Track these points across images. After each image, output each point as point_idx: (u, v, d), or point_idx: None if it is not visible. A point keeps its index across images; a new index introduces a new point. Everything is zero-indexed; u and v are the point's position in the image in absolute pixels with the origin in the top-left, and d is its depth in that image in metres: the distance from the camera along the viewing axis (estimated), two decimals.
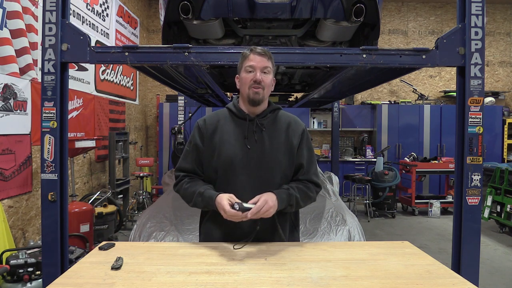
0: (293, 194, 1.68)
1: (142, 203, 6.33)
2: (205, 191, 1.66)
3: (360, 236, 2.92)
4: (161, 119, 7.99)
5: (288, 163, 1.74)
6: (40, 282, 2.89)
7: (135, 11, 7.61)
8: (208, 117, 1.82)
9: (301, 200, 1.72)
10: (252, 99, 1.71)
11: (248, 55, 1.72)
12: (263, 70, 1.70)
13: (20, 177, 3.88)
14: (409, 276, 1.36)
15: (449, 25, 8.59)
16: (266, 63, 1.70)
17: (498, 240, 5.31)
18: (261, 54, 1.70)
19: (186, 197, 1.75)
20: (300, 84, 4.73)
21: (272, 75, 1.75)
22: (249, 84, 1.69)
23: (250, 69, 1.70)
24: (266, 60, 1.70)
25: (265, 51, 1.72)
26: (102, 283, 1.28)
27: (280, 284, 1.28)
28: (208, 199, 1.63)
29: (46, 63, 2.19)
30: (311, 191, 1.77)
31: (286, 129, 1.77)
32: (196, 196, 1.68)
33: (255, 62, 1.69)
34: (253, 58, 1.70)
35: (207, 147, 1.75)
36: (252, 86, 1.69)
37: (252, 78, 1.69)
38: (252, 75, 1.69)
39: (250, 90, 1.70)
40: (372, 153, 8.14)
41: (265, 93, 1.71)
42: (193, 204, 1.73)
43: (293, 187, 1.71)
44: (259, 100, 1.71)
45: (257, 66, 1.69)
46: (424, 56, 2.26)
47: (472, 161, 2.23)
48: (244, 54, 1.74)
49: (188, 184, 1.74)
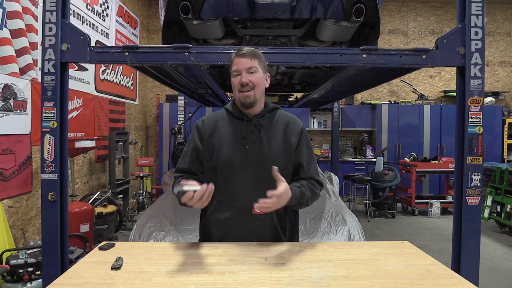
0: (305, 193, 1.67)
1: (142, 203, 6.33)
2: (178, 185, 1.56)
3: (360, 236, 2.92)
4: (161, 119, 7.99)
5: (287, 163, 1.74)
6: (40, 282, 2.89)
7: (135, 11, 7.61)
8: (206, 118, 1.82)
9: (309, 199, 1.71)
10: (243, 102, 1.71)
11: (233, 59, 1.71)
12: (249, 70, 1.68)
13: (20, 177, 3.88)
14: (409, 276, 1.36)
15: (449, 25, 8.59)
16: (250, 63, 1.68)
17: (498, 240, 5.31)
18: (244, 56, 1.68)
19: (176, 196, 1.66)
20: (300, 84, 4.73)
21: (261, 72, 1.72)
22: (238, 88, 1.69)
23: (236, 73, 1.70)
24: (250, 60, 1.68)
25: (249, 51, 1.69)
26: (102, 283, 1.28)
27: (280, 284, 1.28)
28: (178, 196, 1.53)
29: (46, 63, 2.18)
30: (317, 189, 1.77)
31: (284, 128, 1.77)
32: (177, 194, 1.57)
33: (239, 65, 1.68)
34: (237, 61, 1.69)
35: (206, 147, 1.75)
36: (241, 90, 1.68)
37: (239, 82, 1.68)
38: (238, 78, 1.69)
39: (240, 94, 1.70)
40: (372, 153, 8.14)
41: (256, 93, 1.70)
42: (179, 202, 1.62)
43: (304, 186, 1.69)
44: (250, 102, 1.70)
45: (241, 69, 1.68)
46: (424, 56, 2.25)
47: (472, 161, 2.23)
48: (230, 58, 1.74)
49: (176, 184, 1.67)
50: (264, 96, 1.82)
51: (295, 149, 1.76)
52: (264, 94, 1.81)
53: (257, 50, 1.74)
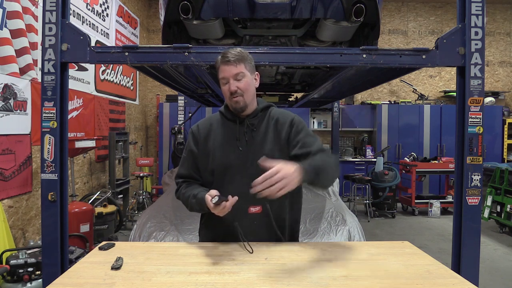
0: (318, 159, 1.55)
1: (142, 203, 6.33)
2: (198, 193, 1.65)
3: (360, 236, 2.92)
4: (161, 119, 7.99)
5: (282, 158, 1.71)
6: (40, 282, 2.89)
7: (135, 11, 7.61)
8: (201, 123, 1.84)
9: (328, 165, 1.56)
10: (235, 108, 1.72)
11: (219, 66, 1.70)
12: (236, 77, 1.67)
13: (20, 177, 3.88)
14: (409, 276, 1.36)
15: (449, 25, 8.59)
16: (236, 69, 1.66)
17: (498, 240, 5.31)
18: (229, 63, 1.65)
19: (184, 202, 1.76)
20: (300, 84, 4.73)
21: (248, 76, 1.69)
22: (228, 95, 1.70)
23: (224, 80, 1.69)
24: (235, 66, 1.66)
25: (234, 56, 1.65)
26: (102, 283, 1.28)
27: (280, 284, 1.28)
28: (200, 201, 1.62)
29: (46, 63, 2.18)
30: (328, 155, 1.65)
31: (275, 124, 1.76)
32: (191, 199, 1.68)
33: (225, 72, 1.67)
34: (223, 69, 1.68)
35: (201, 152, 1.77)
36: (231, 98, 1.69)
37: (228, 90, 1.69)
38: (227, 86, 1.69)
39: (231, 101, 1.71)
40: (372, 153, 8.14)
41: (246, 98, 1.70)
42: (190, 209, 1.73)
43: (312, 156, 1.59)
44: (241, 108, 1.71)
45: (228, 76, 1.67)
46: (424, 56, 2.25)
47: (472, 161, 2.23)
48: (216, 64, 1.72)
49: (185, 190, 1.75)
50: (256, 96, 1.80)
51: (288, 141, 1.72)
52: (256, 93, 1.79)
53: (243, 52, 1.70)
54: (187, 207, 1.75)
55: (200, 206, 1.64)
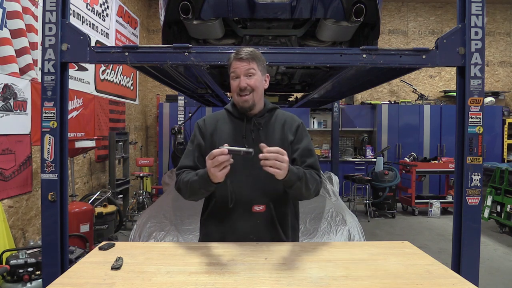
0: (301, 170, 1.62)
1: (142, 203, 6.33)
2: (200, 171, 1.62)
3: (360, 236, 2.92)
4: (161, 119, 7.99)
5: None
6: (40, 282, 2.89)
7: (135, 11, 7.61)
8: (207, 118, 1.83)
9: (309, 182, 1.63)
10: (242, 107, 1.72)
11: (231, 62, 1.71)
12: (247, 73, 1.68)
13: (20, 177, 3.88)
14: (409, 276, 1.35)
15: (449, 25, 8.59)
16: (249, 66, 1.67)
17: (498, 240, 5.31)
18: (242, 59, 1.67)
19: (184, 186, 1.69)
20: (300, 84, 4.73)
21: (259, 75, 1.71)
22: (236, 91, 1.70)
23: (235, 75, 1.70)
24: (248, 63, 1.67)
25: (247, 53, 1.68)
26: (102, 283, 1.28)
27: (280, 284, 1.28)
28: (202, 173, 1.57)
29: (46, 63, 2.18)
30: (315, 175, 1.72)
31: (282, 126, 1.78)
32: (192, 177, 1.62)
33: (237, 68, 1.68)
34: (235, 64, 1.69)
35: (207, 146, 1.76)
36: (239, 94, 1.69)
37: (237, 85, 1.69)
38: (237, 82, 1.69)
39: (238, 98, 1.71)
40: (372, 153, 8.14)
41: (255, 97, 1.70)
42: (189, 191, 1.66)
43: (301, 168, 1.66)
44: (249, 107, 1.71)
45: (239, 72, 1.67)
46: (424, 56, 2.25)
47: (472, 161, 2.23)
48: (229, 60, 1.73)
49: (186, 175, 1.70)
50: (264, 97, 1.82)
51: (291, 145, 1.76)
52: (264, 94, 1.81)
53: (256, 51, 1.73)
54: (186, 192, 1.68)
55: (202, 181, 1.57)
